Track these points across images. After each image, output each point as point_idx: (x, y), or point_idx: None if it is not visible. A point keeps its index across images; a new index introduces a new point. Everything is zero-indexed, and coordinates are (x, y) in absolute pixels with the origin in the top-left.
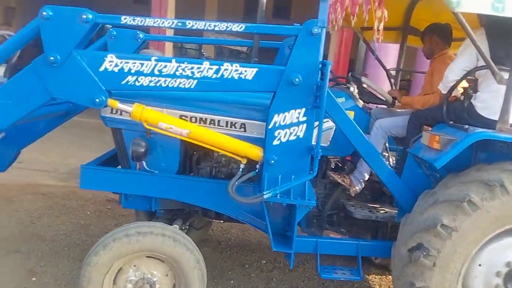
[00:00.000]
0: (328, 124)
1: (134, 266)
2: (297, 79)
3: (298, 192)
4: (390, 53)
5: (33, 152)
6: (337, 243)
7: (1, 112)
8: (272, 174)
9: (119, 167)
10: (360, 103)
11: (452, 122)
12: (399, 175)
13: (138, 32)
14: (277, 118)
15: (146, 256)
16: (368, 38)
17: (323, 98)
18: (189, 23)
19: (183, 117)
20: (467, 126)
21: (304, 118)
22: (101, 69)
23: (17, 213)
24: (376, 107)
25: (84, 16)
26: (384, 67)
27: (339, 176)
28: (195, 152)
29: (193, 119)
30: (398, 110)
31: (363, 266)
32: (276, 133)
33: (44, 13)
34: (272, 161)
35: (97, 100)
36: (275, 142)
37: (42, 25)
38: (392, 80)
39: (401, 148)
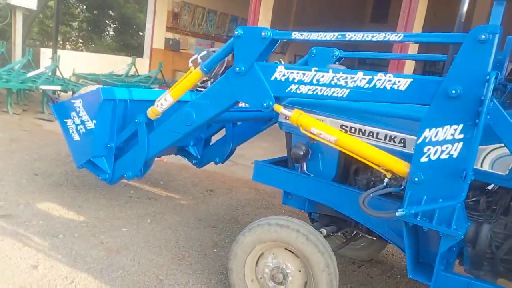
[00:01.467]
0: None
1: (273, 254)
2: (454, 91)
3: (443, 218)
4: None
5: (244, 150)
6: None
7: (202, 110)
8: (415, 193)
9: None
10: None
11: None
12: None
13: (334, 49)
14: (428, 133)
15: (285, 248)
16: None
17: (481, 114)
18: (348, 35)
19: (343, 127)
20: None
21: (461, 136)
22: (272, 78)
23: (231, 199)
24: None
25: (263, 33)
26: None
27: None
28: (354, 163)
29: (352, 130)
30: None
31: None
32: (425, 149)
33: (236, 32)
34: (416, 179)
35: (265, 104)
36: (423, 159)
37: (235, 42)
38: None
39: None
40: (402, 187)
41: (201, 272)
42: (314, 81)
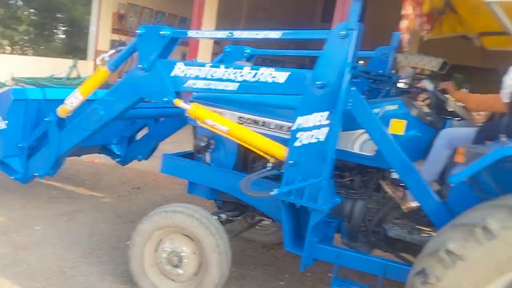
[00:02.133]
0: None
1: (171, 239)
2: (318, 82)
3: (311, 195)
4: None
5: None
6: (361, 258)
7: (109, 106)
8: (290, 174)
9: None
10: (418, 111)
11: None
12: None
13: (245, 48)
14: (301, 120)
15: (181, 234)
16: (488, 45)
17: (338, 101)
18: (236, 33)
19: (240, 118)
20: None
21: (327, 122)
22: (172, 74)
23: (157, 196)
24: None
25: (162, 32)
26: None
27: (391, 188)
28: (252, 153)
29: (248, 121)
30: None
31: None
32: (298, 135)
33: (139, 31)
34: (291, 162)
35: (165, 99)
36: (297, 144)
37: (138, 41)
38: None
39: None
40: (282, 170)
41: (108, 264)
42: (209, 76)
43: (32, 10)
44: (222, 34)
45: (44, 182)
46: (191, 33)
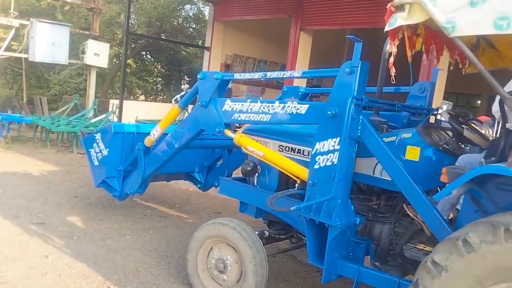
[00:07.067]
0: None
1: (219, 248)
2: (329, 112)
3: (327, 212)
4: None
5: None
6: (379, 276)
7: (178, 136)
8: (311, 193)
9: None
10: (432, 139)
11: None
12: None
13: (299, 87)
14: (318, 146)
15: (227, 244)
16: None
17: (343, 127)
18: (268, 74)
19: (281, 147)
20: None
21: (338, 147)
22: (223, 109)
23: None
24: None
25: (215, 76)
26: None
27: (412, 211)
28: (291, 177)
29: (287, 149)
30: None
31: None
32: (317, 158)
33: (199, 75)
34: (310, 182)
35: (217, 129)
36: (316, 166)
37: (198, 83)
38: None
39: None
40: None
41: (175, 268)
42: (249, 110)
43: (159, 64)
44: (258, 75)
45: (143, 203)
46: (237, 75)
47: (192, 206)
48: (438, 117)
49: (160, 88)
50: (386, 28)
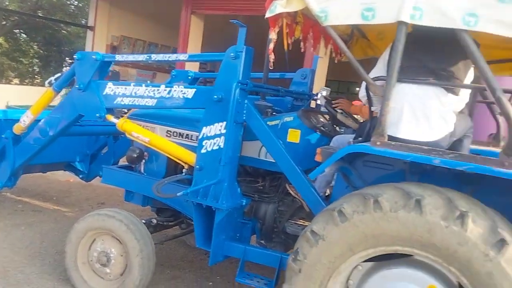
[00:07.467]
0: None
1: (102, 240)
2: (215, 96)
3: (214, 196)
4: None
5: None
6: (263, 253)
7: (53, 123)
8: (198, 178)
9: None
10: (310, 122)
11: None
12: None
13: (189, 71)
14: (205, 130)
15: (112, 236)
16: None
17: (228, 112)
18: (153, 56)
19: (168, 132)
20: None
21: (224, 131)
22: (104, 93)
23: None
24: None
25: (94, 57)
26: None
27: (294, 190)
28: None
29: (174, 134)
30: None
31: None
32: (204, 143)
33: (75, 56)
34: (198, 167)
35: (97, 114)
36: (203, 151)
37: (75, 65)
38: None
39: None
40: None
41: (50, 265)
42: (133, 94)
43: (35, 44)
44: (142, 57)
45: (13, 197)
46: (119, 57)
47: (73, 198)
48: (318, 102)
49: (37, 70)
50: (267, 15)
